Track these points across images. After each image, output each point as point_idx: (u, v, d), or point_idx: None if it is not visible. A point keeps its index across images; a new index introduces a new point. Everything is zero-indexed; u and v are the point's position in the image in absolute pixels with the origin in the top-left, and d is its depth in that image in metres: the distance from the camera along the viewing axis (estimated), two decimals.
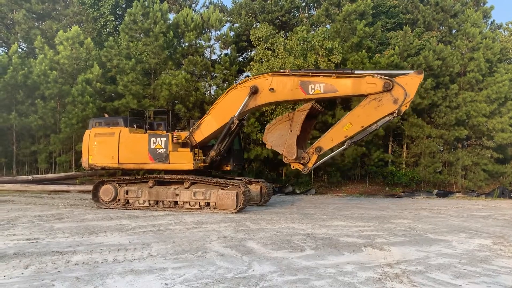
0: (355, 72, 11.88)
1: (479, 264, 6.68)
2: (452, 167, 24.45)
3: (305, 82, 12.17)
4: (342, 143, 11.98)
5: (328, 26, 26.33)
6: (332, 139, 11.99)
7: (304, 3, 29.60)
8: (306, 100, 12.81)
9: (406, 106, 11.41)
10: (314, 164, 12.37)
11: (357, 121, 11.66)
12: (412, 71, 11.59)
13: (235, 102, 12.82)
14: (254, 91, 12.58)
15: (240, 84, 13.06)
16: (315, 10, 29.46)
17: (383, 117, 11.48)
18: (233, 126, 12.93)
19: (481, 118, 23.37)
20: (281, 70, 13.05)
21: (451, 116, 23.48)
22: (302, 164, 12.38)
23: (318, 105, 12.79)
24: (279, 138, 12.61)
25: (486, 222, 11.89)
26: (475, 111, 23.37)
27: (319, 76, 12.10)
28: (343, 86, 11.85)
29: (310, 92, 12.14)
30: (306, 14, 29.08)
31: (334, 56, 21.34)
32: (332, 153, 12.57)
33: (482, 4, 30.09)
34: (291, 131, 12.32)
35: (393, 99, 11.35)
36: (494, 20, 32.87)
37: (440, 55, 23.71)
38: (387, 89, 11.32)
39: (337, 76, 11.96)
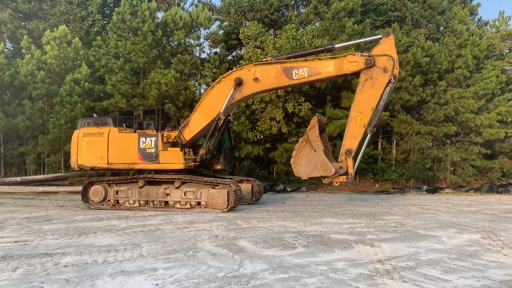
0: (336, 46, 12.33)
1: (469, 259, 6.74)
2: (441, 163, 24.70)
3: (288, 68, 12.31)
4: (365, 133, 11.81)
5: (317, 24, 26.38)
6: (354, 136, 11.72)
7: (293, 1, 29.63)
8: (291, 86, 12.87)
9: (397, 68, 11.60)
10: (354, 168, 11.81)
11: (364, 107, 11.61)
12: (379, 35, 12.09)
13: (221, 96, 12.87)
14: (239, 83, 12.67)
15: (224, 77, 13.11)
16: (304, 8, 29.50)
17: (384, 90, 11.58)
18: (220, 122, 12.93)
19: (469, 114, 23.64)
20: (264, 59, 13.11)
21: (439, 113, 23.70)
22: (343, 174, 11.78)
23: (322, 116, 12.64)
24: (309, 164, 12.03)
25: (475, 217, 12.02)
26: (463, 107, 23.63)
27: (302, 60, 12.27)
28: (326, 67, 12.07)
29: (294, 78, 12.29)
30: (295, 12, 29.11)
31: (324, 54, 21.33)
32: (363, 148, 12.03)
33: (469, 1, 30.45)
34: (315, 150, 11.85)
35: (382, 69, 11.50)
36: (481, 17, 33.20)
37: (428, 52, 23.90)
38: (370, 65, 11.52)
39: (319, 59, 12.32)
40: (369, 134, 11.76)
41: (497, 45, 29.68)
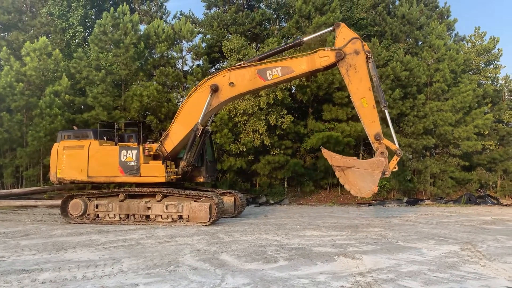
0: (304, 39, 13.20)
1: (448, 270, 6.84)
2: (421, 175, 25.06)
3: (262, 69, 12.62)
4: (381, 113, 12.16)
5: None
6: (371, 120, 12.04)
7: (275, 15, 29.96)
8: (266, 87, 13.17)
9: (365, 46, 12.24)
10: (395, 143, 12.20)
11: (362, 92, 12.04)
12: (330, 28, 13.19)
13: (199, 104, 12.98)
14: (215, 89, 12.82)
15: (200, 86, 13.22)
16: (286, 22, 29.83)
17: (368, 68, 12.10)
18: (198, 133, 12.93)
19: (447, 127, 24.14)
20: (237, 64, 13.30)
21: (419, 125, 24.14)
22: (389, 161, 12.01)
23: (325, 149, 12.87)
24: (364, 179, 11.92)
25: (454, 229, 12.21)
26: (442, 120, 24.11)
27: (274, 59, 12.81)
28: (298, 65, 12.50)
29: (269, 78, 12.60)
30: (277, 26, 29.43)
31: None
32: (390, 126, 12.50)
33: (446, 17, 31.27)
34: (354, 166, 11.99)
35: (354, 53, 12.05)
36: (457, 32, 34.14)
37: (407, 66, 24.42)
38: (340, 57, 12.03)
39: (292, 57, 12.77)
40: (386, 111, 12.22)
41: (473, 60, 30.49)
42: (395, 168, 12.34)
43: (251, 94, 19.87)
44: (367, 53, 12.11)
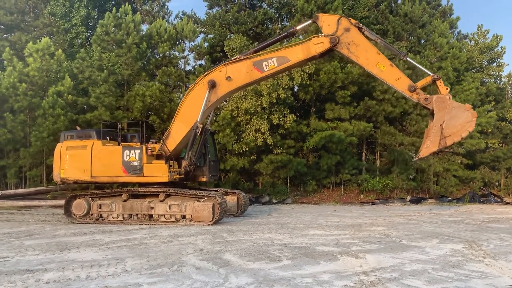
0: (297, 28, 13.18)
1: (452, 269, 6.82)
2: (424, 174, 25.01)
3: (258, 61, 12.72)
4: (405, 64, 12.28)
5: (301, 37, 26.67)
6: (396, 78, 12.02)
7: (277, 15, 29.96)
8: (264, 78, 13.50)
9: (351, 20, 12.46)
10: (431, 76, 12.01)
11: (373, 59, 12.14)
12: (309, 21, 13.36)
13: (198, 101, 13.03)
14: (213, 85, 12.89)
15: (197, 83, 13.26)
16: (288, 21, 29.82)
17: (366, 37, 12.31)
18: (198, 131, 12.97)
19: None
20: (232, 58, 13.43)
21: (422, 124, 24.06)
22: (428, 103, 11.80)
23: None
24: (452, 121, 11.59)
25: (457, 227, 12.18)
26: None
27: (269, 50, 12.91)
28: (294, 54, 12.57)
29: (265, 70, 12.69)
30: (279, 25, 29.42)
31: (308, 66, 21.63)
32: (418, 65, 12.81)
33: (448, 15, 31.16)
34: (441, 126, 11.69)
35: (346, 31, 12.16)
36: (460, 31, 34.00)
37: (410, 65, 24.29)
38: (335, 43, 12.13)
39: (286, 47, 12.85)
40: (407, 58, 12.45)
41: (476, 58, 30.42)
42: (447, 89, 12.07)
43: (250, 86, 19.84)
44: (356, 25, 12.28)
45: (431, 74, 12.18)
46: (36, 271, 6.59)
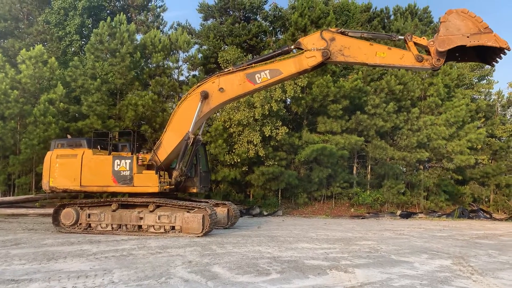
0: (291, 47, 13.02)
1: (439, 285, 6.84)
2: (414, 188, 25.15)
3: (250, 73, 12.79)
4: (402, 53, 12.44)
5: (294, 50, 26.88)
6: (400, 57, 12.32)
7: (272, 28, 30.21)
8: (256, 90, 13.60)
9: (331, 29, 12.86)
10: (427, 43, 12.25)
11: (370, 51, 12.22)
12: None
13: (190, 111, 13.05)
14: (205, 96, 12.92)
15: (190, 93, 13.28)
16: (282, 34, 30.08)
17: (353, 37, 12.45)
18: (190, 141, 12.97)
19: (441, 141, 24.30)
20: (225, 70, 13.44)
21: (412, 139, 24.27)
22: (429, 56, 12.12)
23: None
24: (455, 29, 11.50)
25: (446, 243, 12.23)
26: (435, 134, 24.29)
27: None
28: (286, 67, 12.68)
29: (258, 82, 12.76)
30: (273, 38, 29.63)
31: (300, 79, 21.79)
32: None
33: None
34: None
35: (332, 41, 12.24)
36: None
37: (402, 80, 24.63)
38: (327, 56, 12.22)
39: (279, 60, 12.88)
40: (399, 38, 12.79)
41: (467, 75, 30.78)
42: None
43: (243, 98, 19.90)
44: (338, 30, 12.51)
45: (426, 40, 12.34)
46: (21, 281, 6.50)
